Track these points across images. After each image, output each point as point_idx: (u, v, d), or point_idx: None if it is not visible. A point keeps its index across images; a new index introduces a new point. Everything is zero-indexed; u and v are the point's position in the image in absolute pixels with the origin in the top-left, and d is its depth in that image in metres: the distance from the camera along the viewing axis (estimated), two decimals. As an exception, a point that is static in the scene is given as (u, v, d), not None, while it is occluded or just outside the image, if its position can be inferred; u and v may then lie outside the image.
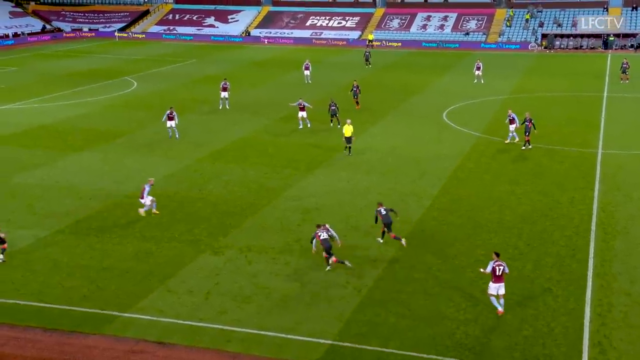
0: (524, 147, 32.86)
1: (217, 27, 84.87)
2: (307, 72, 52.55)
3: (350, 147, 32.14)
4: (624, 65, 51.29)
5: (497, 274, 17.93)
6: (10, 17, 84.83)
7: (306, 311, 18.24)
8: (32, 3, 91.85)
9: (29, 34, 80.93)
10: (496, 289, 17.95)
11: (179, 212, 25.19)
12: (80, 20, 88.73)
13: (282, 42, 79.68)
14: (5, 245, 21.22)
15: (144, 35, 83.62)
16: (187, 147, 34.12)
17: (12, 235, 22.76)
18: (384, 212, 22.21)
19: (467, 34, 76.45)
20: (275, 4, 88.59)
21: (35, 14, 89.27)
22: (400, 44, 75.84)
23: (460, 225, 23.90)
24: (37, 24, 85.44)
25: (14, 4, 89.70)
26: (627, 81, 50.70)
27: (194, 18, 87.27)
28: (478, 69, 52.02)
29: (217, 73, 57.81)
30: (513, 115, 33.99)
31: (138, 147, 34.08)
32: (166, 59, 66.51)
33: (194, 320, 17.71)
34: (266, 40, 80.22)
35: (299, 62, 63.98)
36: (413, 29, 79.46)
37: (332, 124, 37.69)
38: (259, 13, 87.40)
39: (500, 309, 17.88)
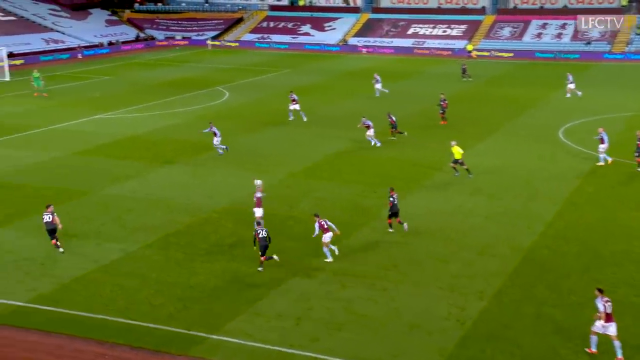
0: (639, 169, 31.55)
1: (313, 35, 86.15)
2: (377, 86, 52.27)
3: (468, 169, 31.38)
4: None
5: (607, 311, 17.11)
6: (106, 26, 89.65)
7: (404, 342, 17.95)
8: (128, 11, 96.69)
9: (123, 43, 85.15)
10: (605, 328, 17.12)
11: (270, 231, 25.44)
12: (174, 28, 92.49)
13: (381, 51, 79.83)
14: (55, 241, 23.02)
15: (237, 44, 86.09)
16: (279, 161, 34.64)
17: (102, 249, 23.79)
18: (396, 201, 24.36)
19: (589, 43, 73.73)
20: (376, 11, 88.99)
21: (130, 22, 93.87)
22: (512, 54, 74.18)
23: (577, 255, 22.91)
24: (131, 32, 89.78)
25: (110, 12, 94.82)
26: None
27: (289, 26, 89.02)
28: (570, 82, 49.87)
29: (312, 83, 58.59)
30: (603, 134, 32.57)
31: (228, 160, 34.92)
32: (259, 68, 68.14)
33: (284, 346, 17.80)
34: (364, 50, 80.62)
35: (398, 73, 63.80)
36: (526, 37, 77.62)
37: (394, 137, 37.95)
38: (358, 20, 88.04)
39: (619, 355, 16.96)
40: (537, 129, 40.74)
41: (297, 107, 43.45)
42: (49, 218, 23.62)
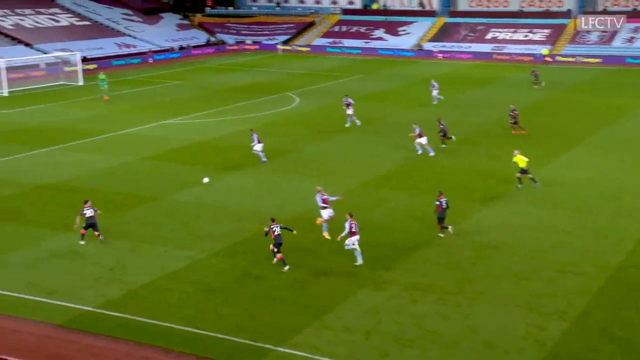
0: None
1: (387, 40, 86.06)
2: (434, 93, 51.81)
3: (533, 178, 31.12)
4: None
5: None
6: (177, 30, 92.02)
7: (478, 363, 17.68)
8: (199, 15, 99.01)
9: (193, 47, 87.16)
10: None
11: (339, 241, 25.56)
12: (244, 32, 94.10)
13: (458, 57, 79.06)
14: (98, 233, 24.91)
15: (308, 49, 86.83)
16: (349, 169, 34.72)
17: (169, 255, 24.39)
18: (444, 206, 24.94)
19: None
20: (453, 15, 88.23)
21: (201, 26, 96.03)
22: (600, 59, 72.13)
23: (669, 276, 22.06)
24: (202, 37, 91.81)
25: (181, 17, 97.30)
26: None
27: (362, 30, 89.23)
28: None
29: (384, 90, 58.52)
30: None
31: (296, 168, 35.23)
32: (330, 74, 68.52)
33: (352, 361, 17.81)
34: (440, 55, 80.00)
35: (475, 80, 63.03)
36: (616, 42, 75.38)
37: (446, 145, 37.96)
38: (433, 25, 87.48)
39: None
40: (626, 141, 39.49)
41: (350, 111, 43.84)
42: (91, 213, 25.23)
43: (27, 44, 73.56)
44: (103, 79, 55.50)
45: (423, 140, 36.91)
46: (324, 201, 25.83)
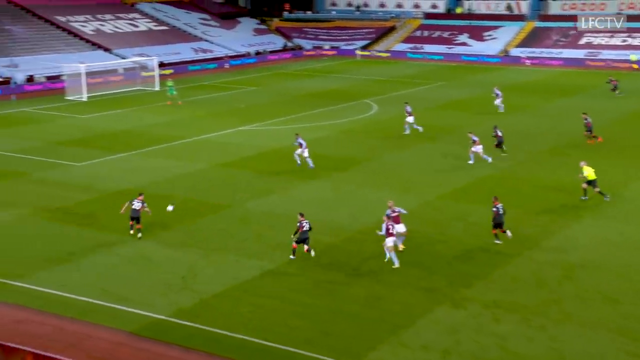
0: None
1: (471, 45, 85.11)
2: (497, 101, 51.14)
3: (601, 191, 30.49)
4: None
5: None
6: (253, 35, 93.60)
7: (563, 390, 17.19)
8: (276, 20, 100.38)
9: (270, 52, 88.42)
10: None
11: (416, 254, 25.43)
12: (322, 37, 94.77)
13: (547, 63, 77.42)
14: (140, 225, 26.93)
15: (387, 54, 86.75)
16: (427, 180, 34.46)
17: (241, 265, 24.75)
18: (501, 211, 25.74)
19: None
20: (543, 19, 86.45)
21: (278, 31, 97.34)
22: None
23: None
24: (278, 42, 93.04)
25: (259, 21, 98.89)
26: None
27: (445, 35, 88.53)
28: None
29: (468, 97, 57.84)
30: None
31: (373, 178, 35.18)
32: (410, 80, 68.21)
33: (428, 382, 17.62)
34: (528, 61, 78.52)
35: (566, 87, 61.55)
36: None
37: (504, 154, 38.12)
38: (522, 29, 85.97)
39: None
40: None
41: (411, 119, 44.02)
42: (138, 206, 27.17)
43: (106, 49, 76.27)
44: (171, 86, 56.97)
45: (478, 148, 36.83)
46: (395, 219, 25.30)
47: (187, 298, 22.22)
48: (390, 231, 24.26)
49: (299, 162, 36.95)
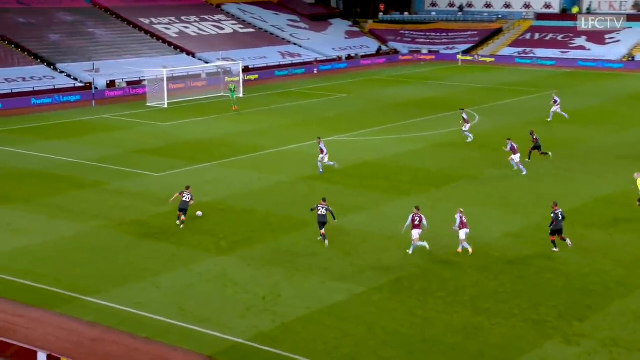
0: None
1: (589, 49, 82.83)
2: (554, 108, 50.83)
3: None
4: None
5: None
6: (345, 38, 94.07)
7: None
8: (370, 22, 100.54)
9: (362, 57, 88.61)
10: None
11: (522, 283, 24.74)
12: (420, 40, 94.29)
13: (679, 70, 74.50)
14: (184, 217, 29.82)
15: (492, 59, 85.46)
16: (536, 200, 33.57)
17: (327, 287, 24.64)
18: (560, 217, 26.72)
19: None
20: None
21: (372, 33, 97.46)
22: None
23: None
24: (372, 45, 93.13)
25: (351, 23, 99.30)
26: None
27: (559, 38, 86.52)
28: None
29: (584, 108, 56.26)
30: None
31: (473, 195, 34.56)
32: (518, 88, 66.91)
33: None
34: (657, 66, 75.80)
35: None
36: None
37: (548, 154, 39.73)
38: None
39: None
40: None
41: (466, 127, 45.19)
42: (188, 198, 30.17)
43: (189, 53, 78.22)
44: (233, 89, 58.03)
45: (516, 157, 37.68)
46: (463, 224, 27.22)
47: (267, 321, 22.28)
48: (417, 222, 27.23)
49: (321, 170, 38.22)
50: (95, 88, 63.57)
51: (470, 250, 27.12)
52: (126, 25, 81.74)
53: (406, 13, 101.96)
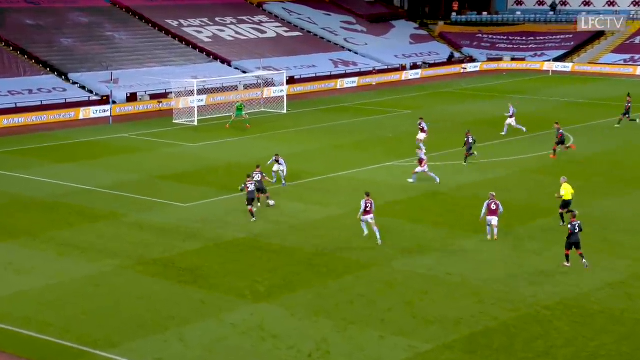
0: None
1: None
2: (509, 120, 54.69)
3: (563, 214, 34.70)
4: None
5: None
6: (410, 42, 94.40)
7: None
8: (441, 23, 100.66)
9: (430, 65, 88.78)
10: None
11: (629, 344, 24.37)
12: (501, 46, 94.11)
13: None
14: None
15: (591, 68, 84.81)
16: (644, 240, 33.21)
17: (386, 344, 24.60)
18: (576, 230, 29.48)
19: None
20: None
21: (443, 37, 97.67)
22: None
23: None
24: (443, 52, 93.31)
25: (417, 25, 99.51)
26: None
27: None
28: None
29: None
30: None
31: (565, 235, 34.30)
32: (623, 104, 66.16)
33: None
34: None
35: None
36: None
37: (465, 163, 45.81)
38: None
39: None
40: None
41: (420, 136, 49.19)
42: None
43: (224, 61, 79.29)
44: (240, 107, 58.44)
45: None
46: (493, 212, 32.47)
47: (313, 383, 22.29)
48: (493, 208, 32.61)
49: (274, 179, 42.19)
50: (114, 102, 64.66)
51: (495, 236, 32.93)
52: (151, 27, 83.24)
53: (485, 13, 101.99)
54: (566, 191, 35.03)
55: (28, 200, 40.75)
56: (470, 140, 46.52)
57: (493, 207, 32.97)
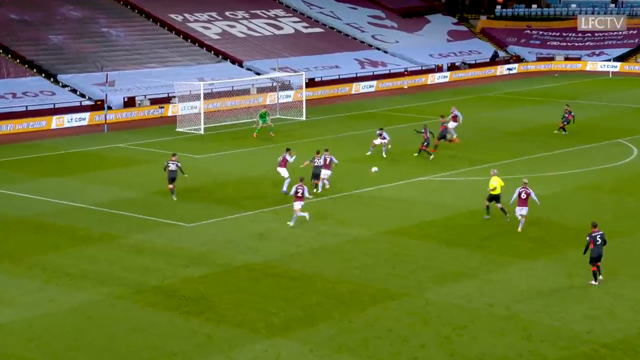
0: None
1: None
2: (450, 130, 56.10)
3: (503, 208, 38.51)
4: None
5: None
6: (448, 40, 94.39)
7: None
8: (483, 18, 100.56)
9: (471, 66, 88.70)
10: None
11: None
12: (554, 43, 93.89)
13: None
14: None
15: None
16: None
17: (417, 384, 24.65)
18: (598, 241, 30.64)
19: None
20: None
21: (485, 34, 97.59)
22: None
23: None
24: (485, 50, 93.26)
25: (456, 20, 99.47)
26: None
27: None
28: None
29: None
30: None
31: (630, 263, 34.13)
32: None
33: None
34: None
35: None
36: None
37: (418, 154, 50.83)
38: None
39: None
40: None
41: (376, 142, 52.61)
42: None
43: (235, 61, 79.52)
44: (264, 115, 58.42)
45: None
46: (523, 201, 35.71)
47: None
48: (299, 194, 37.48)
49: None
50: (109, 107, 64.93)
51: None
52: (152, 23, 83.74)
53: (534, 6, 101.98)
54: (496, 184, 38.69)
55: (11, 219, 40.94)
56: (427, 136, 51.79)
57: (523, 196, 36.84)
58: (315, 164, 43.56)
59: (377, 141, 52.83)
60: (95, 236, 38.23)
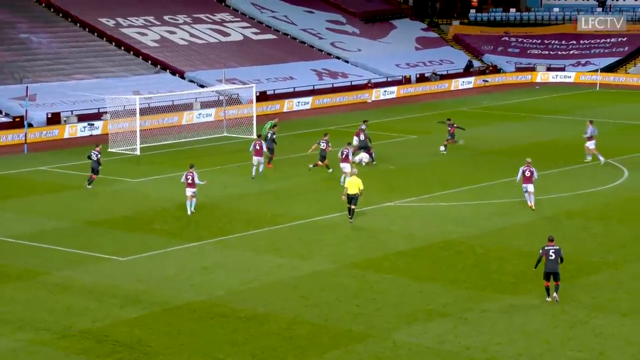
0: None
1: None
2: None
3: (353, 210, 42.73)
4: None
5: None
6: (416, 47, 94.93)
7: None
8: (456, 23, 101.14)
9: (442, 77, 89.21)
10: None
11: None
12: (533, 52, 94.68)
13: None
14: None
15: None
16: None
17: None
18: (552, 257, 32.12)
19: None
20: None
21: (457, 41, 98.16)
22: None
23: None
24: (458, 59, 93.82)
25: (426, 26, 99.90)
26: None
27: None
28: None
29: None
30: None
31: (629, 301, 34.36)
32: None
33: None
34: None
35: None
36: None
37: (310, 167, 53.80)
38: None
39: None
40: None
41: (321, 147, 54.28)
42: (324, 146, 52.40)
43: (175, 72, 79.36)
44: (272, 126, 58.57)
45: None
46: (528, 179, 39.85)
47: None
48: (527, 175, 43.54)
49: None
50: (30, 125, 64.49)
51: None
52: (79, 28, 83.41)
53: (513, 10, 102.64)
54: (350, 185, 43.31)
55: None
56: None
57: (527, 174, 44.01)
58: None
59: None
60: (14, 273, 37.81)
